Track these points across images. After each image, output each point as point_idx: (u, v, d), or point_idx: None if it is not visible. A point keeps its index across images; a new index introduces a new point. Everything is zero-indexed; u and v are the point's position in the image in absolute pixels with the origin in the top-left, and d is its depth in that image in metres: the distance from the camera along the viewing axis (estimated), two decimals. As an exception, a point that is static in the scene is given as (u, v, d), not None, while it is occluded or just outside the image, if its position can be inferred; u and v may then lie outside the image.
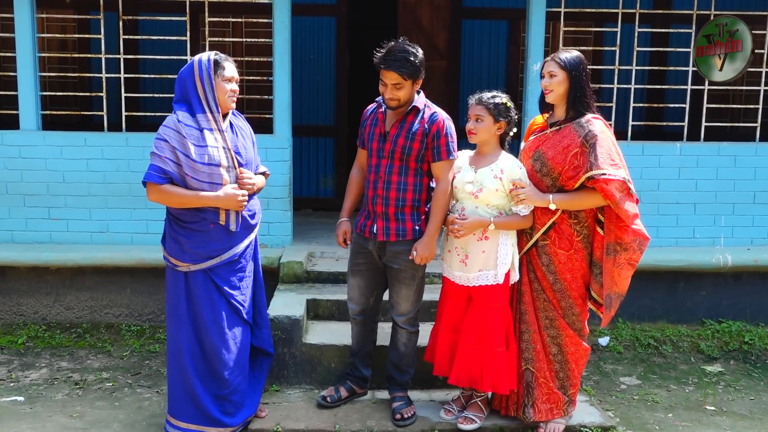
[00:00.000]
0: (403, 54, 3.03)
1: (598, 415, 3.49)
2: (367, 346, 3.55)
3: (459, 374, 3.27)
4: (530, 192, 3.09)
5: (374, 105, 3.36)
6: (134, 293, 4.72)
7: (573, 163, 3.04)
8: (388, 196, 3.20)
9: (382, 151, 3.22)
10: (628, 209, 2.99)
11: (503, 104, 3.12)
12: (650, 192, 4.86)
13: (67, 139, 4.69)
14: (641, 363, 4.41)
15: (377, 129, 3.25)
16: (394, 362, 3.47)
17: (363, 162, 3.41)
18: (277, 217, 4.75)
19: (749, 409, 3.80)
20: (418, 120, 3.17)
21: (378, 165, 3.23)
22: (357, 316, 3.47)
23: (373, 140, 3.25)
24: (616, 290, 3.13)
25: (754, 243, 4.96)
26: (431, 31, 6.74)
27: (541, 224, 3.15)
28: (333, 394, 3.50)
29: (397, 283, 3.32)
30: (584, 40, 6.29)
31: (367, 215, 3.31)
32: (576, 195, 3.08)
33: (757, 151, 4.93)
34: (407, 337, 3.42)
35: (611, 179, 2.95)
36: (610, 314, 3.20)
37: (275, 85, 4.68)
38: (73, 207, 4.70)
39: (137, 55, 5.23)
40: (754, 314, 4.90)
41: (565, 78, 3.09)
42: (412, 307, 3.35)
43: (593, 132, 3.02)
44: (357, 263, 3.39)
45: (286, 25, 4.64)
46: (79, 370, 4.07)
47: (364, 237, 3.32)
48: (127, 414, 3.53)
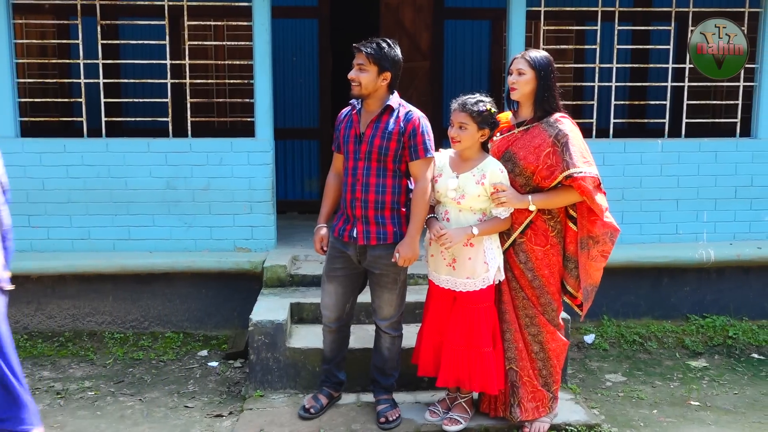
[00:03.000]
0: (377, 41, 3.13)
1: (583, 413, 3.50)
2: (342, 352, 3.51)
3: (446, 375, 3.25)
4: (510, 195, 3.09)
5: (348, 108, 3.34)
6: (117, 300, 4.67)
7: (546, 162, 3.07)
8: (367, 199, 3.17)
9: (358, 153, 3.18)
10: (601, 203, 3.07)
11: (487, 111, 3.07)
12: (633, 189, 4.89)
13: (46, 146, 4.65)
14: (626, 360, 4.42)
15: (352, 131, 3.22)
16: (378, 366, 3.45)
17: (339, 166, 3.35)
18: (261, 221, 4.73)
19: (733, 404, 3.82)
20: (393, 119, 3.16)
21: (355, 167, 3.19)
22: (332, 323, 3.39)
23: (348, 142, 3.22)
24: (591, 282, 3.20)
25: (736, 238, 4.99)
26: (414, 32, 6.74)
27: (519, 223, 3.18)
28: (315, 404, 3.42)
29: (378, 287, 3.29)
30: (566, 38, 6.30)
31: (345, 219, 3.27)
32: (553, 194, 3.12)
33: (737, 146, 4.96)
34: (390, 341, 3.39)
35: (586, 176, 3.02)
36: (587, 306, 3.26)
37: (256, 88, 4.66)
38: (54, 214, 4.65)
39: (117, 60, 5.18)
40: (737, 309, 4.93)
41: (533, 77, 3.11)
42: (395, 312, 3.33)
43: (564, 131, 3.06)
44: (334, 268, 3.33)
45: (267, 27, 4.62)
46: (60, 380, 4.02)
47: (343, 241, 3.27)
48: (109, 423, 3.49)
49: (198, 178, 4.67)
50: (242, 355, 4.26)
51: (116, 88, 5.92)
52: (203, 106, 6.31)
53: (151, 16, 5.31)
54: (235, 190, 4.68)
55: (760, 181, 4.97)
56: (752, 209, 4.99)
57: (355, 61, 3.12)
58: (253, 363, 3.71)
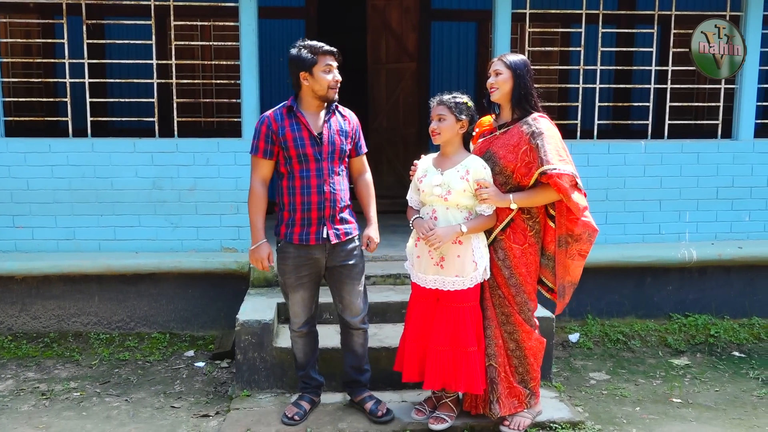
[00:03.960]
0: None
1: (567, 411, 3.54)
2: (316, 353, 3.49)
3: (432, 378, 3.25)
4: (492, 192, 3.14)
5: (276, 112, 3.21)
6: (103, 301, 4.65)
7: (524, 160, 3.14)
8: (335, 198, 3.20)
9: (320, 154, 3.18)
10: (578, 201, 3.09)
11: (464, 103, 3.18)
12: (617, 189, 4.95)
13: (30, 146, 4.62)
14: (610, 358, 4.48)
15: (305, 132, 3.17)
16: (354, 366, 3.46)
17: (267, 175, 3.23)
18: (248, 221, 4.70)
19: (714, 401, 3.88)
20: (341, 119, 3.29)
21: (319, 169, 3.18)
22: (303, 327, 3.37)
23: (305, 145, 3.16)
24: (569, 279, 3.24)
25: (717, 237, 5.07)
26: (401, 33, 6.77)
27: (500, 221, 3.23)
28: (298, 411, 3.38)
29: (350, 281, 3.31)
30: (551, 40, 6.37)
31: (308, 222, 3.20)
32: (533, 192, 3.17)
33: (719, 147, 5.04)
34: (363, 337, 3.43)
35: (562, 173, 3.06)
36: (564, 302, 3.30)
37: (243, 89, 4.66)
38: (38, 214, 4.63)
39: (103, 60, 5.16)
40: (719, 307, 5.00)
41: (510, 77, 3.17)
42: (365, 304, 3.40)
43: (540, 129, 3.12)
44: (301, 276, 3.26)
45: (253, 28, 4.62)
46: (46, 381, 4.00)
47: (308, 246, 3.22)
48: (94, 423, 3.48)
49: (184, 178, 4.66)
50: (229, 355, 4.26)
51: (102, 88, 5.90)
52: (190, 107, 6.31)
53: (137, 16, 5.30)
54: (222, 191, 4.68)
55: (740, 181, 5.05)
56: (733, 209, 5.07)
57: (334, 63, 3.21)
58: (240, 363, 3.71)
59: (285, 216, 3.25)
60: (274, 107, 3.27)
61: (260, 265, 3.27)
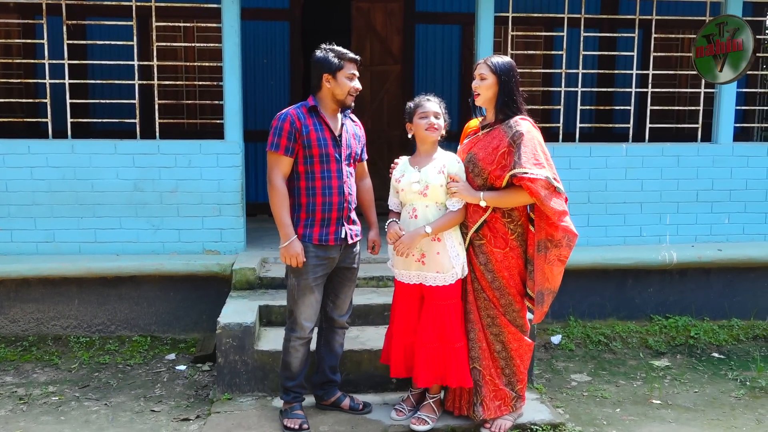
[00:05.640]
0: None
1: (548, 413, 3.55)
2: (308, 361, 3.43)
3: (425, 375, 3.27)
4: (462, 187, 3.17)
5: (298, 110, 3.19)
6: (82, 304, 4.60)
7: (501, 162, 3.15)
8: (352, 200, 3.32)
9: (340, 155, 3.24)
10: (555, 206, 3.06)
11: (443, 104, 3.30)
12: (599, 192, 4.99)
13: (9, 147, 4.56)
14: (592, 360, 4.51)
15: (327, 133, 3.21)
16: (332, 365, 3.47)
17: (287, 172, 3.18)
18: (230, 224, 4.70)
19: (693, 402, 3.92)
20: (353, 124, 3.39)
21: (339, 169, 3.23)
22: (310, 333, 3.32)
23: (327, 145, 3.19)
24: (548, 286, 3.20)
25: (697, 240, 5.12)
26: (385, 36, 6.78)
27: (473, 222, 3.23)
28: (303, 421, 3.28)
29: (348, 283, 3.41)
30: (534, 44, 6.41)
31: (327, 222, 3.21)
32: (505, 193, 3.16)
33: (698, 151, 5.10)
34: (344, 336, 3.51)
35: (534, 178, 3.03)
36: (543, 310, 3.25)
37: (225, 90, 4.64)
38: (17, 217, 4.57)
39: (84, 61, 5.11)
40: (699, 309, 5.06)
41: (494, 82, 3.18)
42: (351, 303, 3.49)
43: (520, 132, 3.12)
44: (317, 277, 3.23)
45: (236, 29, 4.60)
46: (24, 385, 3.95)
47: (327, 246, 3.24)
48: (73, 428, 3.44)
49: (166, 180, 4.63)
50: (210, 358, 4.23)
51: (83, 89, 5.85)
52: (172, 108, 6.26)
53: (118, 17, 5.26)
54: (204, 193, 4.66)
55: (720, 184, 5.11)
56: (713, 212, 5.13)
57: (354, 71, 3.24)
58: (221, 366, 3.69)
59: (303, 216, 3.21)
60: (290, 106, 3.26)
61: (295, 261, 3.15)
